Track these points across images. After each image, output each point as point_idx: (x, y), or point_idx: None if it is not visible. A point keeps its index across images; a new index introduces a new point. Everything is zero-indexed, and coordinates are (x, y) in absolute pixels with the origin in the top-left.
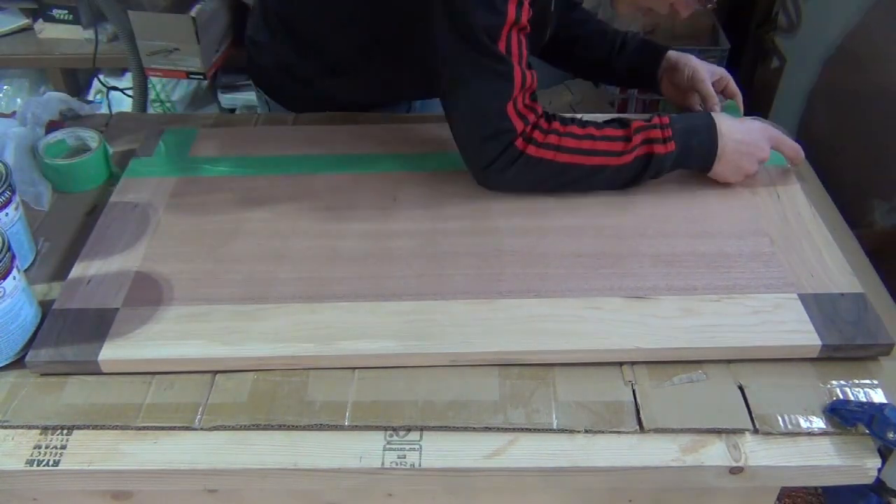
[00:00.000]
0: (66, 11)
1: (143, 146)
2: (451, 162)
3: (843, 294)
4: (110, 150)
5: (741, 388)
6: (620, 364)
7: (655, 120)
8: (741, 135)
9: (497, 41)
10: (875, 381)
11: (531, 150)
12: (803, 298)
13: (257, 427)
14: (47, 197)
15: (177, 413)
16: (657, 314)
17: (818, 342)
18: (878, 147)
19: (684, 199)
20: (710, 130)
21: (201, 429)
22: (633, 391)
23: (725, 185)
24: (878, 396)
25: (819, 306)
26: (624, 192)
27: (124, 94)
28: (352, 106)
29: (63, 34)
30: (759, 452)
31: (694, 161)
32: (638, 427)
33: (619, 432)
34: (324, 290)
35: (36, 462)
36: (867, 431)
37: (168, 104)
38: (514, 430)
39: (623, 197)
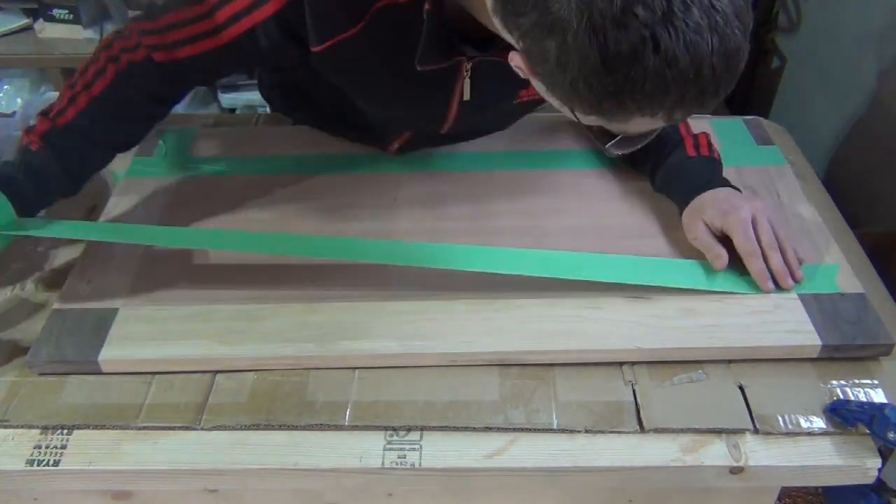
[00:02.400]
0: (66, 11)
1: (143, 146)
2: (451, 162)
3: (843, 294)
4: None
5: (741, 388)
6: (620, 364)
7: None
8: None
9: None
10: (875, 381)
11: None
12: (803, 298)
13: (257, 427)
14: None
15: (177, 413)
16: (657, 314)
17: (818, 342)
18: (882, 149)
19: None
20: None
21: (201, 429)
22: (634, 391)
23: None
24: (879, 396)
25: (819, 306)
26: (625, 192)
27: None
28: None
29: (63, 34)
30: (759, 452)
31: None
32: (638, 427)
33: (619, 432)
34: (324, 290)
35: (36, 462)
36: (867, 431)
37: None
38: (514, 430)
39: (624, 197)
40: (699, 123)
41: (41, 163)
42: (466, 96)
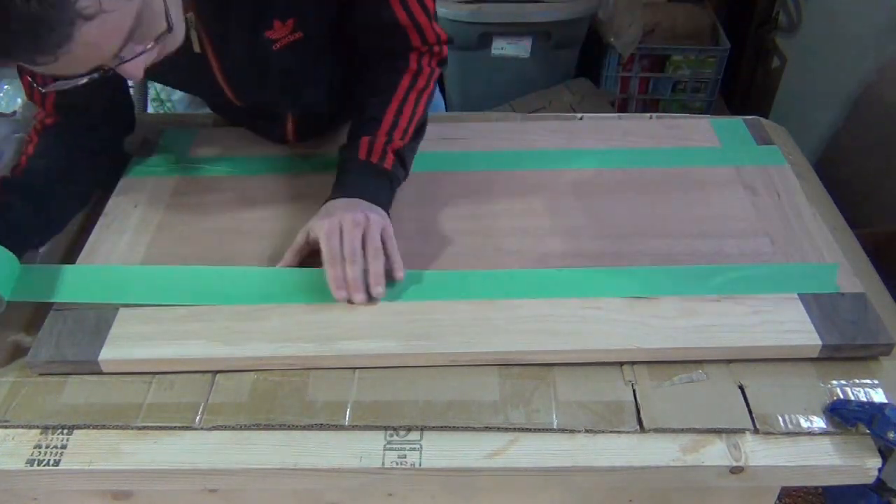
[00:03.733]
0: None
1: (143, 146)
2: (451, 162)
3: (843, 294)
4: None
5: (741, 388)
6: (620, 364)
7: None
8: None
9: None
10: (875, 381)
11: None
12: (803, 298)
13: (257, 427)
14: None
15: (177, 413)
16: (657, 314)
17: (818, 342)
18: (881, 149)
19: (684, 199)
20: None
21: (201, 429)
22: (634, 391)
23: (726, 185)
24: (879, 396)
25: (819, 306)
26: (624, 192)
27: None
28: None
29: None
30: (759, 452)
31: None
32: (638, 427)
33: (619, 432)
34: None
35: (36, 462)
36: (868, 431)
37: (168, 104)
38: (514, 429)
39: (623, 197)
40: (698, 123)
41: (6, 205)
42: (197, 48)
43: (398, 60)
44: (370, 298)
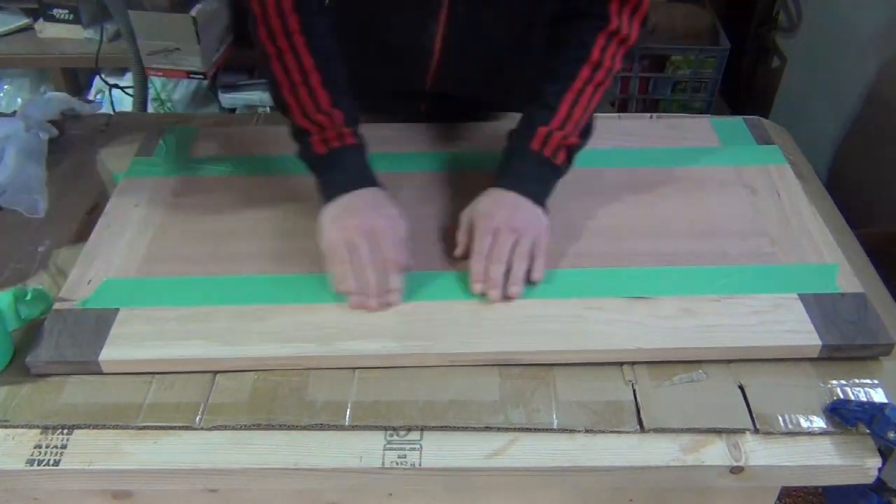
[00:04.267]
0: (66, 11)
1: (143, 146)
2: (451, 162)
3: (843, 294)
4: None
5: (741, 388)
6: (620, 364)
7: None
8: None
9: None
10: (875, 381)
11: None
12: (804, 298)
13: (258, 427)
14: (44, 205)
15: (177, 413)
16: (657, 314)
17: (818, 342)
18: (881, 149)
19: (684, 198)
20: None
21: (201, 429)
22: (634, 391)
23: (726, 185)
24: (879, 396)
25: (819, 306)
26: (625, 192)
27: (125, 92)
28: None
29: (63, 34)
30: (759, 452)
31: None
32: (638, 427)
33: (619, 432)
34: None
35: (36, 462)
36: (868, 431)
37: (168, 104)
38: (514, 429)
39: (623, 197)
40: (698, 122)
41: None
42: None
43: (587, 19)
44: (506, 297)
